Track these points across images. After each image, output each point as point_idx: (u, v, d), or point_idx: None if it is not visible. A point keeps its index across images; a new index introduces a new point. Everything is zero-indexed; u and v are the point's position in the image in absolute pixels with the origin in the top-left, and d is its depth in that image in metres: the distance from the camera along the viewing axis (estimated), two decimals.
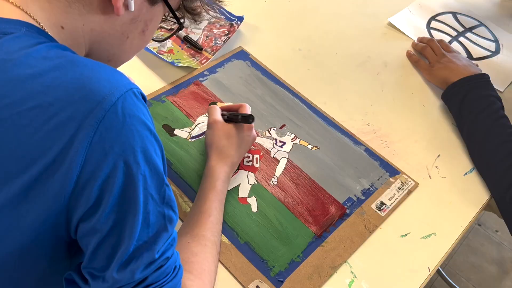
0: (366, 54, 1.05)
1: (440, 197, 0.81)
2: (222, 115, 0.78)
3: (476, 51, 1.10)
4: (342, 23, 1.13)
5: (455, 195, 0.81)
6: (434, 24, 1.15)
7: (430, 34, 1.12)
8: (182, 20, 0.61)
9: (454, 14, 1.18)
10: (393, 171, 0.82)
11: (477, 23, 1.17)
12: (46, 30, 0.49)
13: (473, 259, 1.66)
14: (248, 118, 0.73)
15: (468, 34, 1.13)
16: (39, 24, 0.48)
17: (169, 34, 0.67)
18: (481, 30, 1.15)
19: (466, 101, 0.88)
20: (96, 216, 0.44)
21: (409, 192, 0.80)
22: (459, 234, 0.76)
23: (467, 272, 1.63)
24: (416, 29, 1.12)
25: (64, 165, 0.42)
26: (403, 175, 0.82)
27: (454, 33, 1.13)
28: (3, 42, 0.44)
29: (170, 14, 0.59)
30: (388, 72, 1.02)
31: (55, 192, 0.43)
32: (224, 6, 0.70)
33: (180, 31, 0.65)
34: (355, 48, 1.07)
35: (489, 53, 1.09)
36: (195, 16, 0.61)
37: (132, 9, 0.52)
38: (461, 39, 1.12)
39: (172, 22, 0.61)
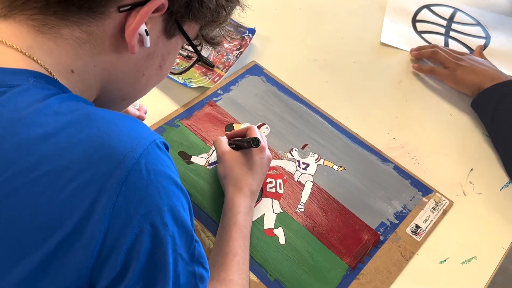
0: (385, 62, 1.00)
1: (477, 215, 0.76)
2: (229, 144, 0.74)
3: (470, 41, 1.06)
4: (357, 28, 1.08)
5: (493, 213, 0.76)
6: (419, 26, 1.09)
7: (423, 39, 1.06)
8: (199, 48, 0.57)
9: (428, 7, 1.14)
10: (426, 190, 0.77)
11: (452, 9, 1.14)
12: (55, 77, 0.44)
13: None
14: (253, 142, 0.69)
15: (454, 25, 1.09)
16: (47, 70, 0.44)
17: (186, 64, 0.62)
18: (459, 16, 1.12)
19: (500, 108, 0.83)
20: (122, 286, 0.40)
21: (444, 212, 0.75)
22: (502, 256, 0.72)
23: None
24: (409, 39, 1.05)
25: (85, 234, 0.37)
26: (437, 193, 0.77)
27: (442, 30, 1.08)
28: (10, 97, 0.39)
29: (187, 43, 0.54)
30: (410, 80, 0.97)
31: (75, 265, 0.38)
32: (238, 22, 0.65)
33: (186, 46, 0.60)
34: (373, 55, 1.01)
35: (482, 40, 1.06)
36: (215, 45, 0.56)
37: (148, 45, 0.48)
38: (452, 33, 1.07)
39: (188, 49, 0.57)
